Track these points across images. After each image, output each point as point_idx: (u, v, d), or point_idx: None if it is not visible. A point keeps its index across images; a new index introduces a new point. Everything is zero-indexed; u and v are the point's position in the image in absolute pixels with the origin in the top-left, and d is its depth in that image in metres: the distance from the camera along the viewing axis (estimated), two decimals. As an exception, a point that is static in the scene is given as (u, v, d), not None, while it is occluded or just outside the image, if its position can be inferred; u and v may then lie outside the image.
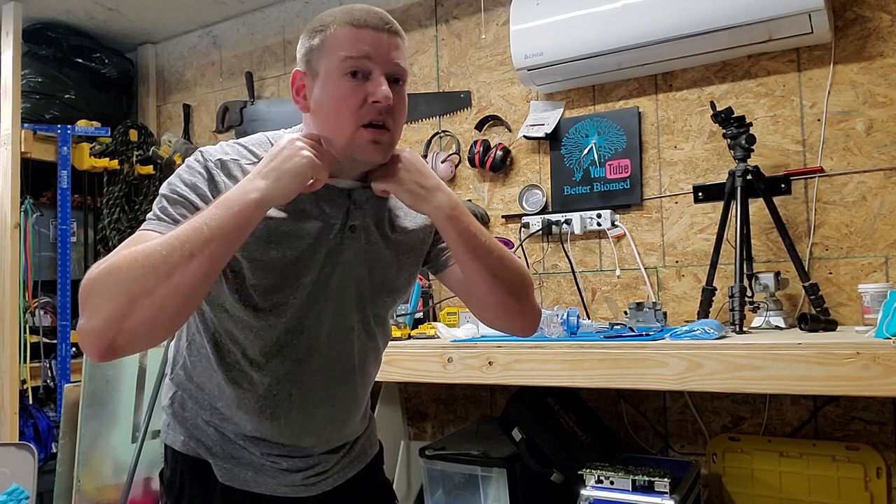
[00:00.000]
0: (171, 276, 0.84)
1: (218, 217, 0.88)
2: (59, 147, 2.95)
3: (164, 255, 0.85)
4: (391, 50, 0.99)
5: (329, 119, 1.00)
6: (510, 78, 2.48)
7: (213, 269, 0.88)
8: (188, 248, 0.85)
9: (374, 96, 0.97)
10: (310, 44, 1.02)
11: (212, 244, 0.86)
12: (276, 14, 3.06)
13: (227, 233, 0.88)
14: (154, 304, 0.84)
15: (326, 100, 0.99)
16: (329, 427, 1.14)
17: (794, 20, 1.87)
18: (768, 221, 1.95)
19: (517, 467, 1.93)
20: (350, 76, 0.97)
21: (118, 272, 0.85)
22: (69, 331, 2.89)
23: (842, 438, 1.91)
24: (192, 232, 0.86)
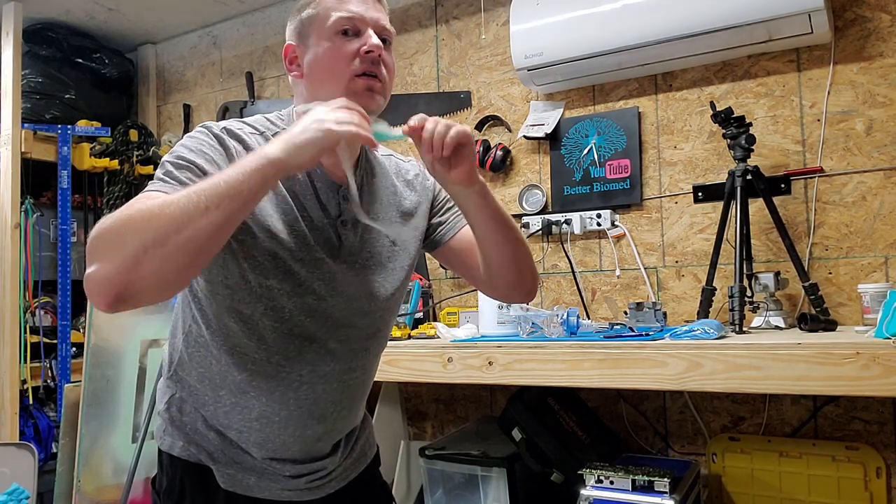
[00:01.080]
0: (185, 228, 0.84)
1: (235, 174, 0.88)
2: (60, 147, 2.95)
3: (181, 206, 0.84)
4: (377, 11, 1.08)
5: (323, 75, 1.06)
6: (510, 78, 2.48)
7: (226, 225, 0.87)
8: (204, 201, 0.85)
9: (366, 47, 1.03)
10: (300, 17, 1.09)
11: (227, 200, 0.86)
12: (276, 14, 3.06)
13: (242, 190, 0.87)
14: (166, 255, 0.83)
15: (320, 58, 1.05)
16: (336, 412, 1.12)
17: (794, 20, 1.87)
18: (768, 221, 1.95)
19: (517, 467, 1.93)
20: (342, 34, 1.04)
21: (133, 222, 0.85)
22: (69, 331, 2.90)
23: (842, 438, 1.91)
24: (209, 187, 0.86)
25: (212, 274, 1.05)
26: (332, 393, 1.11)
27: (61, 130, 2.96)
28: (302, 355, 1.07)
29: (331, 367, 1.10)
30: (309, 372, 1.08)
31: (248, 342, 1.05)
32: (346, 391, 1.13)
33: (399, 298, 1.20)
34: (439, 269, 2.56)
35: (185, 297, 1.11)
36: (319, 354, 1.08)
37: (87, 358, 2.36)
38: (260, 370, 1.06)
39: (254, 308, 1.04)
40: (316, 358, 1.08)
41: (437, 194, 1.26)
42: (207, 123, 1.06)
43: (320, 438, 1.12)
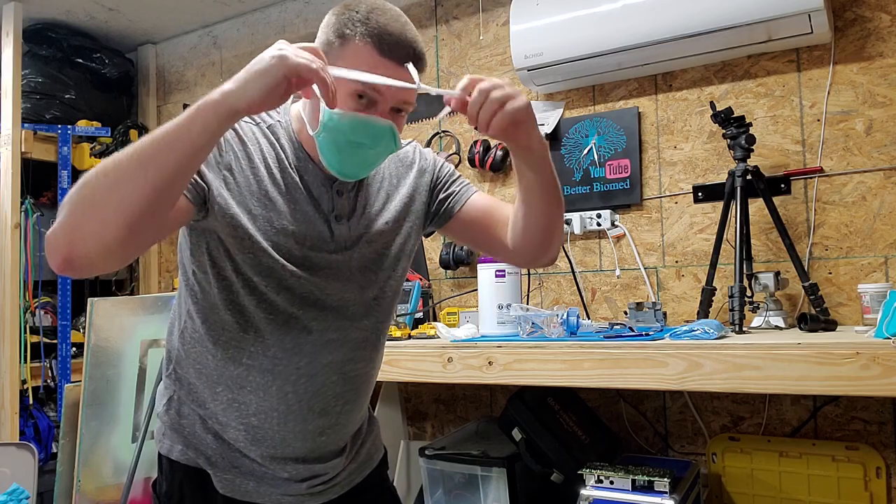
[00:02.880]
0: (119, 186, 0.81)
1: (175, 123, 0.83)
2: (60, 147, 2.95)
3: (115, 162, 0.81)
4: (403, 93, 0.99)
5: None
6: (510, 78, 2.48)
7: (163, 182, 0.82)
8: (138, 155, 0.81)
9: None
10: (330, 38, 1.00)
11: (165, 151, 0.81)
12: (276, 14, 3.06)
13: (182, 137, 0.82)
14: (103, 216, 0.81)
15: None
16: (339, 406, 1.10)
17: (794, 20, 1.87)
18: (768, 221, 1.95)
19: (517, 467, 1.93)
20: (357, 98, 0.97)
21: (79, 184, 0.83)
22: (69, 331, 2.90)
23: (841, 438, 1.91)
24: (148, 140, 0.82)
25: (204, 268, 1.04)
26: (332, 386, 1.09)
27: (61, 130, 2.96)
28: (299, 347, 1.05)
29: (330, 359, 1.08)
30: (307, 364, 1.06)
31: (243, 335, 1.04)
32: (349, 384, 1.11)
33: (398, 287, 1.18)
34: (439, 270, 2.56)
35: (181, 292, 1.10)
36: (317, 346, 1.06)
37: (87, 358, 2.36)
38: (256, 364, 1.05)
39: (247, 300, 1.03)
40: (314, 349, 1.06)
41: (438, 170, 1.23)
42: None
43: (323, 433, 1.10)
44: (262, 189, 1.02)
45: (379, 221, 1.12)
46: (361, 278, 1.09)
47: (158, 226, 0.88)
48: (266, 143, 1.05)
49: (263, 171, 1.04)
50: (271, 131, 1.07)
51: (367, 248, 1.10)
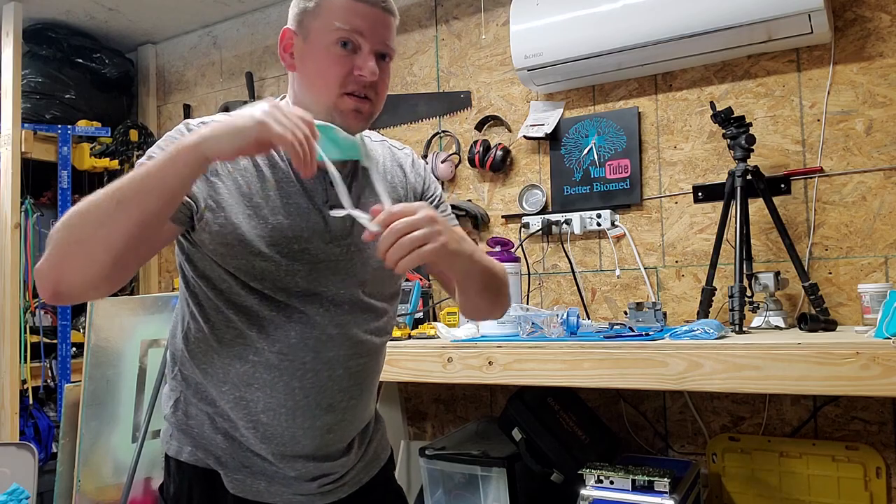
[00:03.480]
0: (101, 225, 0.85)
1: (153, 163, 0.86)
2: (60, 147, 2.95)
3: (96, 202, 0.85)
4: (383, 28, 1.04)
5: (314, 82, 1.04)
6: (510, 78, 2.48)
7: (143, 219, 0.86)
8: (118, 195, 0.85)
9: (360, 70, 1.01)
10: (304, 5, 1.04)
11: (142, 194, 0.85)
12: (276, 14, 3.06)
13: (157, 184, 0.85)
14: (87, 253, 0.86)
15: (314, 63, 1.03)
16: (346, 401, 1.10)
17: (794, 20, 1.87)
18: (768, 221, 1.95)
19: (517, 467, 1.93)
20: (340, 45, 1.00)
21: (63, 221, 0.88)
22: (69, 331, 2.90)
23: (841, 438, 1.91)
24: (126, 180, 0.86)
25: (200, 273, 1.05)
26: (338, 380, 1.09)
27: (61, 130, 2.96)
28: (304, 342, 1.05)
29: (334, 353, 1.08)
30: (312, 359, 1.06)
31: (248, 332, 1.04)
32: (354, 378, 1.11)
33: (398, 279, 1.19)
34: (439, 269, 2.56)
35: (183, 293, 1.11)
36: (321, 340, 1.06)
37: (87, 358, 2.36)
38: (262, 360, 1.05)
39: (249, 300, 1.04)
40: (318, 344, 1.06)
41: (428, 185, 1.24)
42: (188, 120, 1.05)
43: (331, 429, 1.09)
44: (252, 188, 1.03)
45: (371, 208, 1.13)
46: (360, 270, 1.10)
47: (143, 255, 0.93)
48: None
49: (252, 169, 1.05)
50: None
51: (359, 235, 1.08)
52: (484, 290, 1.12)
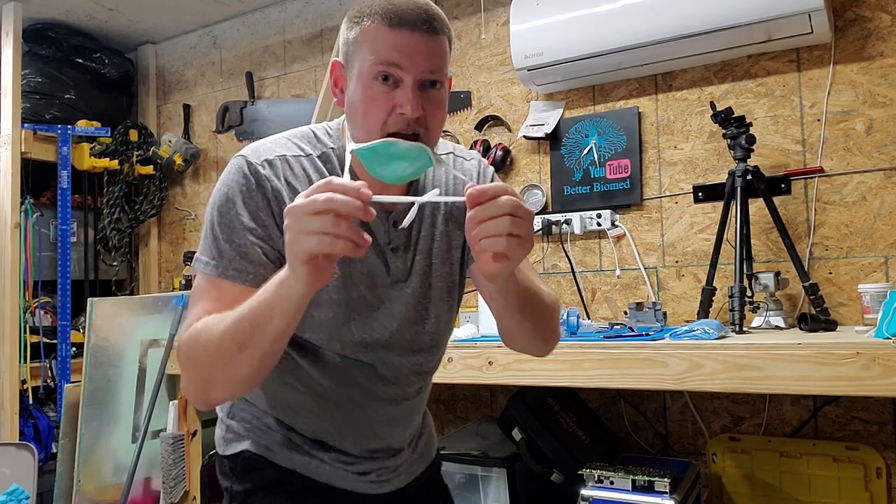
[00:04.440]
0: (227, 366, 0.88)
1: (258, 310, 0.85)
2: (60, 147, 2.95)
3: (218, 347, 0.87)
4: (429, 54, 0.94)
5: (359, 121, 0.96)
6: (510, 78, 2.48)
7: (266, 355, 0.87)
8: (237, 342, 0.86)
9: (401, 108, 0.93)
10: (347, 35, 0.98)
11: (258, 336, 0.85)
12: (276, 14, 3.06)
13: (268, 326, 0.84)
14: (225, 383, 0.90)
15: (357, 101, 0.96)
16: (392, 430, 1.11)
17: (794, 20, 1.87)
18: (768, 221, 1.95)
19: (517, 467, 1.93)
20: (381, 80, 0.93)
21: (191, 357, 0.91)
22: (69, 331, 2.90)
23: (842, 438, 1.91)
24: (237, 327, 0.86)
25: None
26: (386, 413, 1.09)
27: (61, 130, 2.96)
28: (353, 380, 1.04)
29: (383, 392, 1.07)
30: (360, 394, 1.06)
31: (297, 364, 1.03)
32: (401, 410, 1.11)
33: (451, 319, 1.14)
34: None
35: None
36: (371, 379, 1.05)
37: (87, 358, 2.36)
38: (310, 390, 1.05)
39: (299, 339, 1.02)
40: (368, 382, 1.05)
41: None
42: (247, 157, 0.98)
43: (376, 451, 1.11)
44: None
45: (434, 250, 1.08)
46: (414, 313, 1.06)
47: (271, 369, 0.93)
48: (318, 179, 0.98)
49: None
50: (324, 161, 1.02)
51: (422, 279, 1.06)
52: (523, 309, 1.00)
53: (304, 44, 2.96)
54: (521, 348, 1.12)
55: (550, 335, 1.09)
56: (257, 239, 0.95)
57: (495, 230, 0.79)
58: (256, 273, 0.94)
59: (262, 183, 0.96)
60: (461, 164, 1.15)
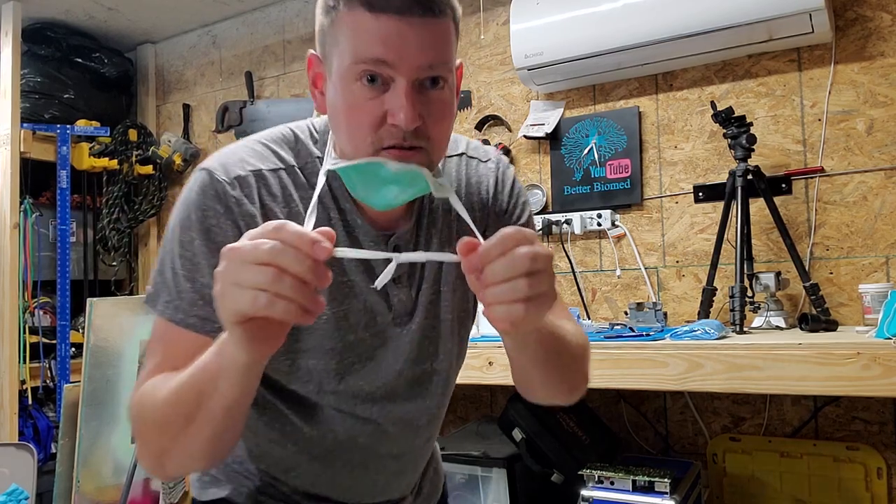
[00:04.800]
0: (177, 441, 0.74)
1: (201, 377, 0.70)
2: (59, 147, 2.95)
3: (163, 418, 0.74)
4: (422, 45, 0.73)
5: (344, 133, 0.77)
6: (510, 78, 2.47)
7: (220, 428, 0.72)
8: (182, 413, 0.71)
9: (392, 118, 0.73)
10: (322, 21, 0.77)
11: (202, 410, 0.70)
12: (276, 14, 3.05)
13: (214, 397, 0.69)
14: (179, 459, 0.76)
15: (339, 107, 0.76)
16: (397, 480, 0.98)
17: (795, 20, 1.86)
18: (769, 221, 1.95)
19: (517, 467, 1.93)
20: (365, 82, 0.73)
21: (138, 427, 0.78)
22: (68, 331, 2.89)
23: (842, 439, 1.91)
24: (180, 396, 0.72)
25: None
26: (388, 466, 0.96)
27: (60, 130, 2.96)
28: (353, 440, 0.90)
29: (386, 449, 0.93)
30: (360, 453, 0.92)
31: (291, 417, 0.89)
32: (407, 463, 0.98)
33: (463, 347, 0.98)
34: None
35: None
36: (375, 438, 0.91)
37: (87, 358, 2.35)
38: (305, 449, 0.91)
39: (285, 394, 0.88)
40: (371, 441, 0.91)
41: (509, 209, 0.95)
42: (213, 173, 0.80)
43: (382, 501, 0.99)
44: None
45: (443, 276, 0.90)
46: (419, 352, 0.90)
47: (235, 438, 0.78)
48: (309, 196, 0.82)
49: None
50: (308, 174, 0.84)
51: (428, 311, 0.90)
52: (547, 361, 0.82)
53: (304, 43, 2.95)
54: (542, 400, 0.91)
55: (579, 381, 0.90)
56: None
57: (510, 296, 0.62)
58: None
59: (231, 207, 0.78)
60: (475, 167, 0.95)
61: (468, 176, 0.94)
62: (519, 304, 0.62)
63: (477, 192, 0.94)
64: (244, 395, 0.70)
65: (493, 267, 0.62)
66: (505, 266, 0.62)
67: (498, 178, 0.96)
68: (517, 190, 0.97)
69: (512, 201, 0.96)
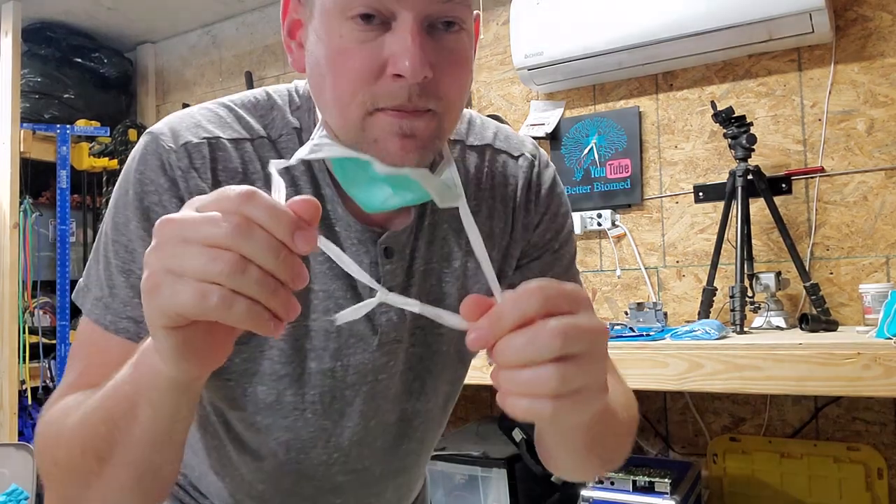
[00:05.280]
0: (89, 488, 0.56)
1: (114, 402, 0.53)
2: (59, 147, 2.94)
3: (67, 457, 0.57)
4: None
5: (329, 92, 0.58)
6: (510, 78, 2.47)
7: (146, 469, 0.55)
8: (92, 451, 0.54)
9: (395, 65, 0.55)
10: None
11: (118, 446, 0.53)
12: (275, 13, 3.05)
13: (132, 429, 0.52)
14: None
15: (322, 58, 0.58)
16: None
17: (795, 20, 1.86)
18: (769, 221, 1.95)
19: (517, 468, 1.93)
20: (360, 20, 0.55)
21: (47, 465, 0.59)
22: (68, 331, 2.89)
23: (843, 439, 1.91)
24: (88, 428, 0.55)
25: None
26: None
27: (60, 130, 2.95)
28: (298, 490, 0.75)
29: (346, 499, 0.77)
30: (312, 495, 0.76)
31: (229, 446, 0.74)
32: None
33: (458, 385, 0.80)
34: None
35: None
36: (322, 491, 0.75)
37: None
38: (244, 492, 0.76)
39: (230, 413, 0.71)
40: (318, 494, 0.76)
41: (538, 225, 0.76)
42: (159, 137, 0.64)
43: None
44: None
45: (447, 292, 0.71)
46: (404, 386, 0.72)
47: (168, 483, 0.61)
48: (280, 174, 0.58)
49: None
50: (282, 148, 0.66)
51: (418, 339, 0.72)
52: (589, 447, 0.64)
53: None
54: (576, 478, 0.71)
55: (618, 460, 0.73)
56: None
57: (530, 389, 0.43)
58: None
59: (177, 181, 0.62)
60: (502, 164, 0.74)
61: (492, 175, 0.73)
62: (544, 401, 0.43)
63: (502, 199, 0.73)
64: (175, 423, 0.52)
65: (508, 343, 0.44)
66: (523, 345, 0.43)
67: (531, 180, 0.75)
68: (555, 198, 0.76)
69: (546, 215, 0.75)
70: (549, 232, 0.76)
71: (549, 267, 0.75)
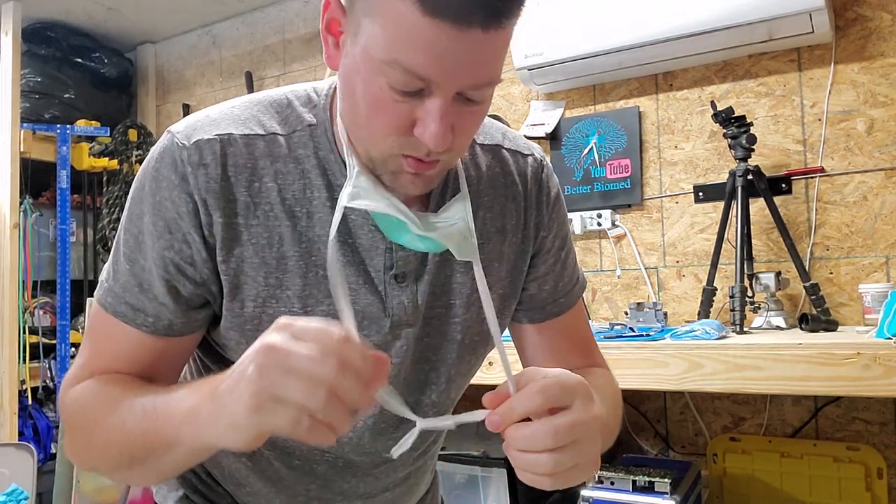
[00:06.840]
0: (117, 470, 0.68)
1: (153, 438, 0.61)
2: (59, 147, 2.95)
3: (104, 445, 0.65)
4: (475, 62, 0.60)
5: (363, 124, 0.64)
6: (510, 78, 2.47)
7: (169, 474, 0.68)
8: (127, 454, 0.64)
9: (422, 135, 0.61)
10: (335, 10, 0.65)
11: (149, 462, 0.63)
12: (275, 13, 3.05)
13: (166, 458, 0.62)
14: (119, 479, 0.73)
15: (359, 94, 0.62)
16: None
17: (795, 20, 1.86)
18: (769, 221, 1.95)
19: (517, 468, 1.93)
20: (398, 90, 0.60)
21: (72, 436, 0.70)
22: (68, 331, 2.89)
23: (843, 439, 1.91)
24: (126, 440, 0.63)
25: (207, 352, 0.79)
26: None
27: (60, 130, 2.96)
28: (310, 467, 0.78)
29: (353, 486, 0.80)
30: (319, 488, 0.79)
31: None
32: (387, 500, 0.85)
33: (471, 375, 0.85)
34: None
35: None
36: (336, 468, 0.78)
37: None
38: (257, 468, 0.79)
39: None
40: (330, 471, 0.78)
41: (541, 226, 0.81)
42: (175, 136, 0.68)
43: None
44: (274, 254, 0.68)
45: (460, 282, 0.75)
46: (414, 374, 0.76)
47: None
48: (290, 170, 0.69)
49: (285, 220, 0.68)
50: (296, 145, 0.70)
51: (437, 325, 0.75)
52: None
53: (304, 43, 2.95)
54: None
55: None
56: (168, 265, 0.66)
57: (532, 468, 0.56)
58: (158, 315, 0.67)
59: (187, 177, 0.66)
60: (512, 162, 0.80)
61: (503, 173, 0.78)
62: (543, 478, 0.56)
63: (513, 197, 0.78)
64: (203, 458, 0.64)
65: (515, 433, 0.55)
66: (525, 438, 0.55)
67: (541, 181, 0.81)
68: (561, 206, 0.84)
69: (556, 221, 0.82)
70: (558, 239, 0.84)
71: (560, 278, 0.85)
